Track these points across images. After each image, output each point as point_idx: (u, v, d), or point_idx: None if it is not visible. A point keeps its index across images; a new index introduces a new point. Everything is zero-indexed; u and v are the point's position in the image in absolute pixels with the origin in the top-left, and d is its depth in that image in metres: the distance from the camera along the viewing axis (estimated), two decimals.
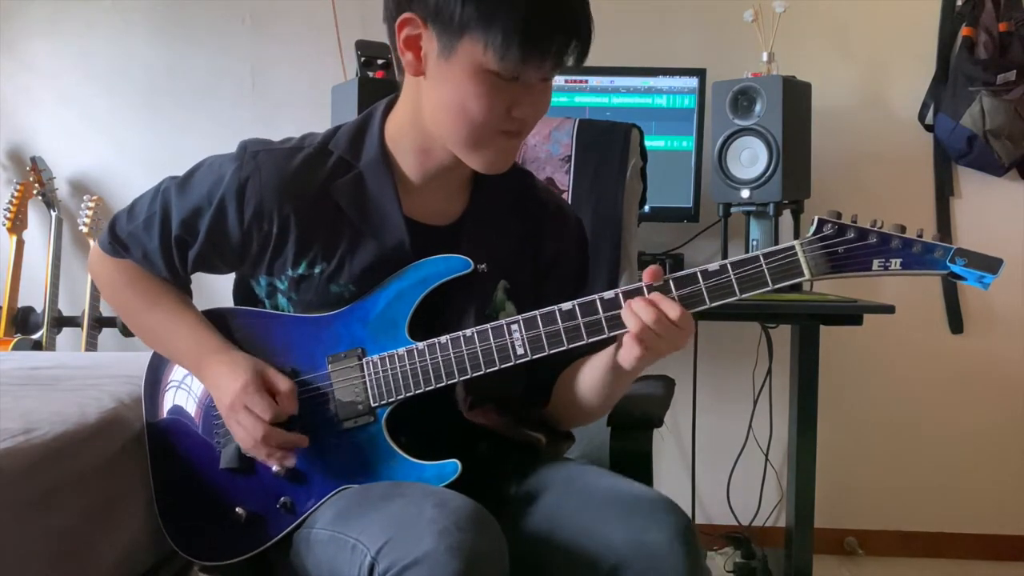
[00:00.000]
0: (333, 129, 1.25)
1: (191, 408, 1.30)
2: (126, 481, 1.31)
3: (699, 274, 1.10)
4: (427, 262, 1.19)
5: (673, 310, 1.08)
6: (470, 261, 1.18)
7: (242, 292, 1.30)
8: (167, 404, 1.33)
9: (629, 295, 1.11)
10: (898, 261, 1.05)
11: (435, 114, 1.16)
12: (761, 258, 1.08)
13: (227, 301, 1.32)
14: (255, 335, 1.25)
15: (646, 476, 1.43)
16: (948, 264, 1.04)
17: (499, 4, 1.05)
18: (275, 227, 1.19)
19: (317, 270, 1.20)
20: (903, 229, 1.06)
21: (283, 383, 1.19)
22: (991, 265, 1.04)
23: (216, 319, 1.28)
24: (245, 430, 1.18)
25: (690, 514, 2.74)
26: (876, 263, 1.06)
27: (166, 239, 1.24)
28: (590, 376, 1.23)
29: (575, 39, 1.09)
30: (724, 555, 2.72)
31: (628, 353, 1.11)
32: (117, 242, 1.28)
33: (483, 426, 1.26)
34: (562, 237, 1.32)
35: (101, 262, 1.32)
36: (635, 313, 1.08)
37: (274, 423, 1.17)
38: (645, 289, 1.10)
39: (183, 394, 1.31)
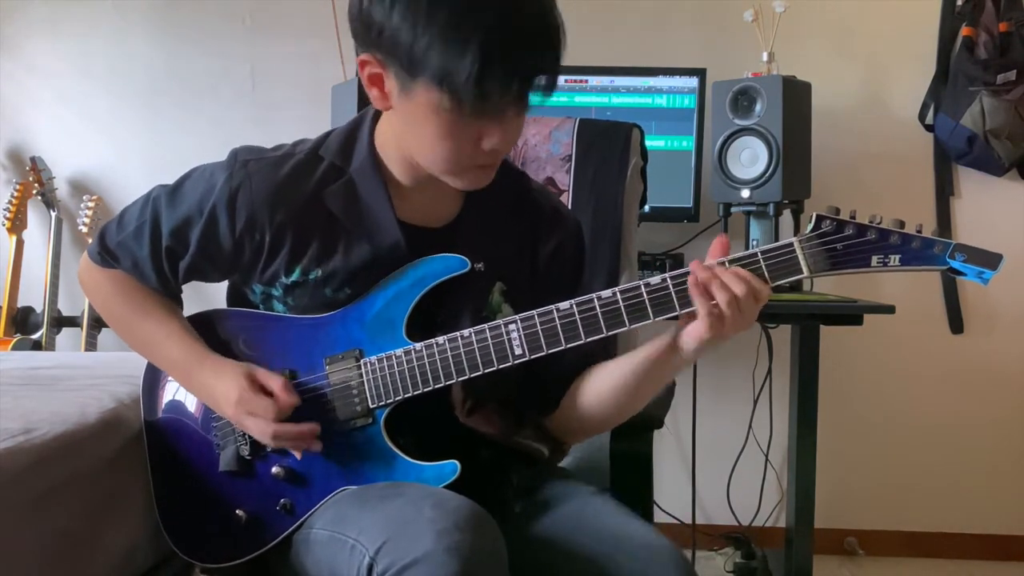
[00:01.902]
0: (324, 134, 1.24)
1: (190, 409, 1.30)
2: (126, 481, 1.31)
3: None
4: (424, 262, 1.19)
5: (763, 287, 1.06)
6: (467, 260, 1.18)
7: (236, 299, 1.29)
8: (166, 405, 1.32)
9: (626, 293, 1.10)
10: (897, 257, 1.04)
11: (408, 144, 1.15)
12: (759, 255, 1.07)
13: (224, 304, 1.31)
14: (252, 337, 1.25)
15: (646, 477, 1.43)
16: (947, 260, 1.03)
17: (452, 53, 1.00)
18: (268, 236, 1.19)
19: (311, 276, 1.20)
20: (902, 225, 1.05)
21: (274, 381, 1.18)
22: (991, 260, 1.03)
23: (214, 321, 1.28)
24: (256, 433, 1.19)
25: (690, 514, 2.75)
26: (875, 259, 1.05)
27: (156, 248, 1.23)
28: (612, 378, 1.21)
29: (538, 75, 1.04)
30: (724, 555, 2.72)
31: (696, 331, 1.08)
32: (107, 252, 1.27)
33: (481, 432, 1.25)
34: (559, 238, 1.30)
35: (90, 272, 1.31)
36: (726, 285, 1.05)
37: (282, 418, 1.17)
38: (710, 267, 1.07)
39: (182, 395, 1.31)
